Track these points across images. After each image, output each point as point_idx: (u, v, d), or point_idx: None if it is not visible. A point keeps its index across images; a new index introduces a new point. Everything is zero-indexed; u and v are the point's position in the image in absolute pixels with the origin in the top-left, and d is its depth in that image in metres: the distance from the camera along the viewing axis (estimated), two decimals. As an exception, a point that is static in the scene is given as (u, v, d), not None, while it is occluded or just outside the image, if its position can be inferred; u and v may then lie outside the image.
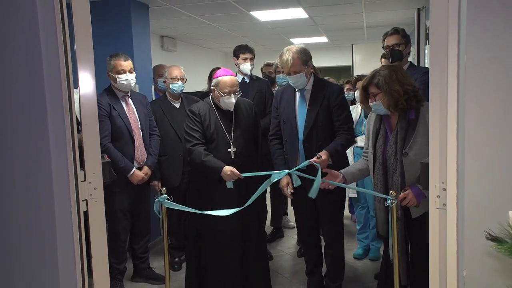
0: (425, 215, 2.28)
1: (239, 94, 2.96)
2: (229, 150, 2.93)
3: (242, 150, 2.96)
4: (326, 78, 3.90)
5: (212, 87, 2.98)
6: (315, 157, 2.71)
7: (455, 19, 1.61)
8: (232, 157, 2.92)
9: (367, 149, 2.64)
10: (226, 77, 2.91)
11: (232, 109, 2.98)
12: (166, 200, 2.72)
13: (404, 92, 2.35)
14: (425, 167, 1.83)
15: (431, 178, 1.77)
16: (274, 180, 2.75)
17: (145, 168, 3.33)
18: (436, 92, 1.72)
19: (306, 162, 2.70)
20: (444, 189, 1.71)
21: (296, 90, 3.02)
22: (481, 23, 1.51)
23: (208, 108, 3.01)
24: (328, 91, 2.96)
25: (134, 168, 3.24)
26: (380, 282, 2.85)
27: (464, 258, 1.60)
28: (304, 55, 2.91)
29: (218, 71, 2.99)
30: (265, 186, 2.71)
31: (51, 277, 1.81)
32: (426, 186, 1.82)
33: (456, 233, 1.67)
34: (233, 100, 2.93)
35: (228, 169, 2.77)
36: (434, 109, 1.74)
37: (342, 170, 2.68)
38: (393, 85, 2.36)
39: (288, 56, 2.88)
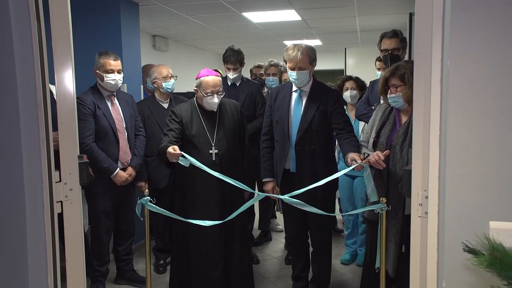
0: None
1: (222, 94, 2.92)
2: (211, 151, 2.89)
3: (225, 152, 2.91)
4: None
5: (195, 88, 2.94)
6: (359, 160, 2.48)
7: (439, 25, 1.58)
8: (214, 159, 2.88)
9: (367, 138, 2.63)
10: (208, 77, 2.87)
11: (215, 109, 2.94)
12: (148, 203, 2.67)
13: None
14: (407, 174, 1.80)
15: (414, 185, 1.75)
16: (253, 203, 2.78)
17: (129, 169, 3.28)
18: (420, 99, 1.71)
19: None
20: (426, 197, 1.68)
21: (293, 90, 2.96)
22: (465, 29, 1.48)
23: (191, 109, 2.97)
24: (326, 95, 2.90)
25: (118, 169, 3.18)
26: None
27: (444, 269, 1.56)
28: (312, 53, 2.89)
29: (201, 71, 2.95)
30: (250, 204, 2.75)
31: (21, 282, 1.75)
32: (408, 194, 1.79)
33: (437, 243, 1.63)
34: (216, 100, 2.88)
35: (170, 148, 2.64)
36: (417, 116, 1.73)
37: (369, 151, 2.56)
38: None
39: (297, 51, 2.83)
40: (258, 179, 4.06)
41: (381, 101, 2.77)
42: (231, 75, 3.93)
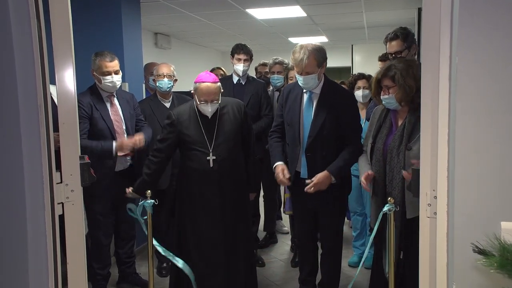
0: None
1: (217, 102, 2.80)
2: (208, 158, 2.81)
3: (224, 157, 2.82)
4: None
5: (192, 92, 2.86)
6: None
7: (447, 21, 1.54)
8: (211, 166, 2.80)
9: (366, 142, 2.60)
10: (202, 85, 2.74)
11: (210, 116, 2.83)
12: (150, 206, 2.64)
13: (418, 88, 2.23)
14: (416, 174, 1.76)
15: (422, 185, 1.71)
16: None
17: (138, 135, 3.15)
18: (427, 96, 1.66)
19: None
20: (435, 197, 1.64)
21: (304, 91, 2.84)
22: (474, 25, 1.44)
23: (190, 112, 2.88)
24: (338, 98, 2.77)
25: (114, 142, 3.05)
26: None
27: (454, 270, 1.52)
28: (320, 56, 2.71)
29: (200, 74, 2.83)
30: None
31: (21, 286, 1.73)
32: (417, 193, 1.74)
33: (446, 244, 1.59)
34: (209, 109, 2.78)
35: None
36: (425, 114, 1.69)
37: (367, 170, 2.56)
38: (408, 80, 2.33)
39: (303, 54, 2.65)
40: (263, 180, 4.02)
41: None
42: (241, 67, 3.84)
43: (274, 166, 2.90)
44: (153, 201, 2.62)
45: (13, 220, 1.72)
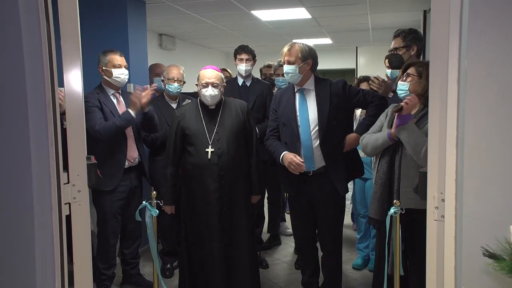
0: (420, 220, 2.23)
1: (219, 87, 2.85)
2: (207, 150, 2.84)
3: (224, 152, 2.85)
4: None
5: (196, 83, 2.93)
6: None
7: (456, 23, 1.54)
8: (209, 158, 2.82)
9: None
10: (205, 70, 2.89)
11: (210, 103, 2.88)
12: (155, 208, 2.65)
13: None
14: (423, 176, 1.75)
15: (429, 188, 1.70)
16: None
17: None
18: (436, 99, 1.66)
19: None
20: (443, 200, 1.63)
21: (295, 90, 2.90)
22: (484, 27, 1.43)
23: (193, 106, 2.96)
24: (333, 88, 2.86)
25: (128, 109, 3.11)
26: None
27: (462, 274, 1.51)
28: (306, 52, 2.82)
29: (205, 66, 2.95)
30: None
31: (28, 285, 1.73)
32: (424, 196, 1.74)
33: (454, 247, 1.58)
34: (210, 92, 2.82)
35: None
36: (433, 116, 1.68)
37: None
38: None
39: (287, 46, 2.84)
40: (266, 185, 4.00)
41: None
42: (243, 67, 3.85)
43: (282, 156, 2.86)
44: (157, 211, 2.64)
45: (21, 220, 1.73)
